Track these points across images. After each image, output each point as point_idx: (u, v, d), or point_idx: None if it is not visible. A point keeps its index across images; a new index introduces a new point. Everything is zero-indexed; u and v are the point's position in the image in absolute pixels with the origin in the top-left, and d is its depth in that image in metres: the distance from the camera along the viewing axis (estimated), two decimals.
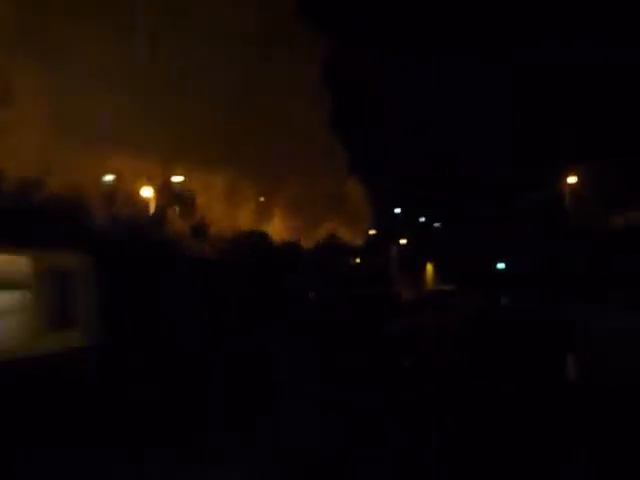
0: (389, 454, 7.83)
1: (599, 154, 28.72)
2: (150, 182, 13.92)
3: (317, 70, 14.59)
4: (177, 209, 13.93)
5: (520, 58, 32.58)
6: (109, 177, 12.40)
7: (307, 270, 19.35)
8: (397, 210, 42.75)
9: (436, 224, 47.65)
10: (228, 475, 7.33)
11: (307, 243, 19.17)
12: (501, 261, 37.60)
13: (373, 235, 29.36)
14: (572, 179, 31.93)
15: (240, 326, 13.10)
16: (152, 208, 15.99)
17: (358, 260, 31.68)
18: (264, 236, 16.60)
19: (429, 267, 44.71)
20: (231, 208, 13.75)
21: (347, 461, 7.69)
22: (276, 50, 12.92)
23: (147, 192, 17.17)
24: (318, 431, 9.05)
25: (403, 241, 42.14)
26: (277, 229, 17.26)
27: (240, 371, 11.36)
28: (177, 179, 16.13)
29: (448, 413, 9.64)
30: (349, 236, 21.82)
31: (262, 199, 15.97)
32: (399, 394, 11.14)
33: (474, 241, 39.50)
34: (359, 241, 23.34)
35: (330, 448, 8.26)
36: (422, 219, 46.72)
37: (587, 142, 29.10)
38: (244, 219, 14.87)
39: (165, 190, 14.21)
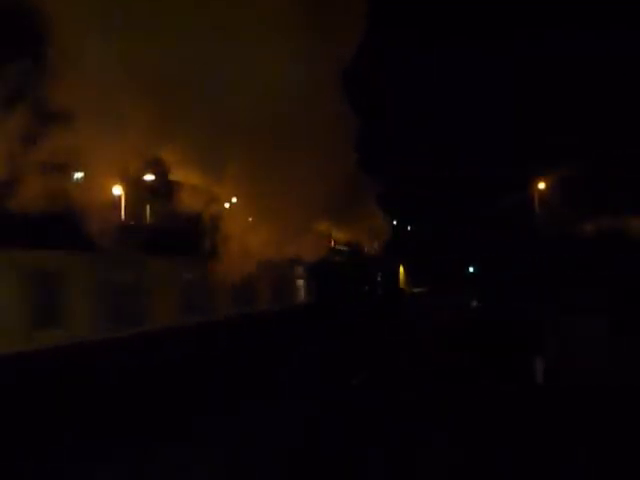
0: None
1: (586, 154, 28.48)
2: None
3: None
4: None
5: (522, 50, 32.24)
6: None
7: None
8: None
9: (409, 227, 47.77)
10: None
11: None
12: (472, 264, 37.89)
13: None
14: (541, 185, 32.35)
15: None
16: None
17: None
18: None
19: (401, 269, 44.91)
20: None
21: None
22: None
23: (117, 190, 17.19)
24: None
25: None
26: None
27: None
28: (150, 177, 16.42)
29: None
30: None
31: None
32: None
33: (449, 243, 39.60)
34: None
35: None
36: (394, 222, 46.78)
37: (572, 144, 28.98)
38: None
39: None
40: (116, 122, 9.84)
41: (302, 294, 21.36)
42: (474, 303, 29.01)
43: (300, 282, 21.24)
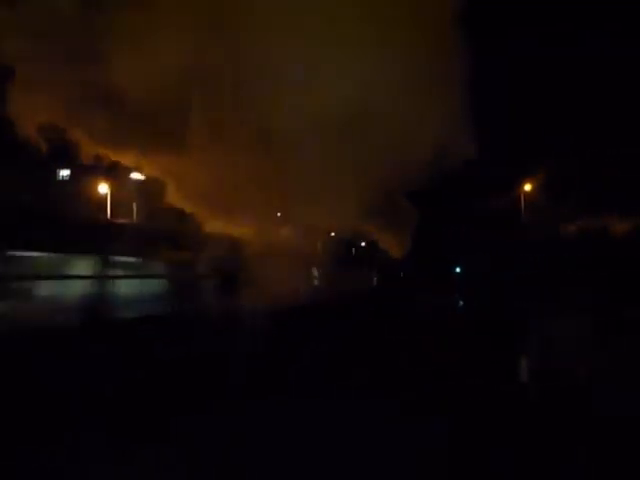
0: None
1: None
2: None
3: None
4: None
5: (515, 50, 31.87)
6: None
7: None
8: None
9: None
10: None
11: None
12: (459, 264, 38.03)
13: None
14: (527, 186, 32.55)
15: None
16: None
17: None
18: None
19: None
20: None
21: None
22: None
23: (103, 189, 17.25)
24: None
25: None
26: None
27: None
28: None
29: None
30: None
31: None
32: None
33: (439, 242, 39.58)
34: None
35: None
36: None
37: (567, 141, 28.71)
38: None
39: None
40: None
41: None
42: (460, 303, 29.13)
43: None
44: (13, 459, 7.34)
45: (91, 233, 17.74)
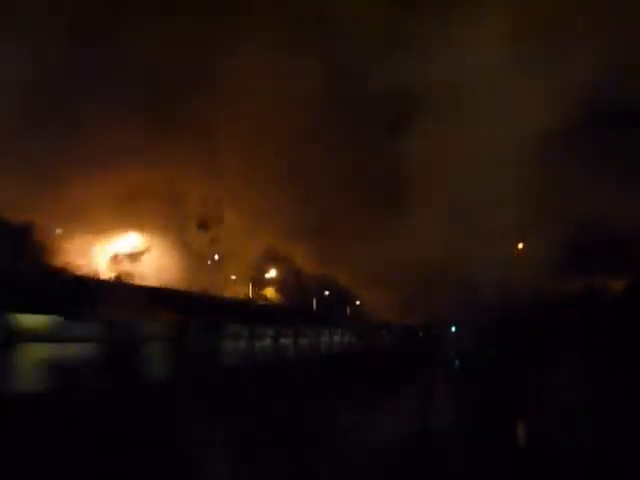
0: None
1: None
2: None
3: None
4: None
5: None
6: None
7: None
8: None
9: None
10: None
11: None
12: (454, 324, 37.72)
13: None
14: (520, 245, 32.53)
15: None
16: None
17: None
18: None
19: None
20: None
21: None
22: None
23: None
24: None
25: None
26: None
27: None
28: None
29: None
30: None
31: None
32: None
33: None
34: None
35: None
36: None
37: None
38: None
39: None
40: None
41: None
42: (457, 362, 28.88)
43: None
44: None
45: None
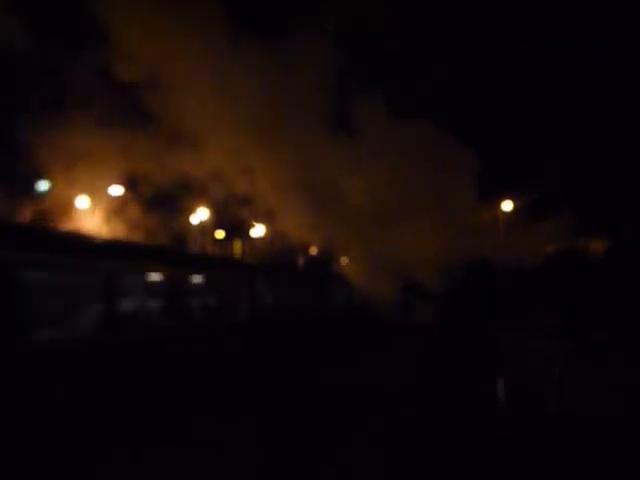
0: None
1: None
2: None
3: None
4: None
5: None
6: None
7: None
8: None
9: None
10: None
11: None
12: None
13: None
14: (507, 206, 32.47)
15: None
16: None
17: None
18: None
19: None
20: None
21: None
22: None
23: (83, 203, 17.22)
24: None
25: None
26: None
27: None
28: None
29: None
30: None
31: None
32: None
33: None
34: None
35: None
36: None
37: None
38: None
39: None
40: None
41: None
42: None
43: None
44: None
45: None
